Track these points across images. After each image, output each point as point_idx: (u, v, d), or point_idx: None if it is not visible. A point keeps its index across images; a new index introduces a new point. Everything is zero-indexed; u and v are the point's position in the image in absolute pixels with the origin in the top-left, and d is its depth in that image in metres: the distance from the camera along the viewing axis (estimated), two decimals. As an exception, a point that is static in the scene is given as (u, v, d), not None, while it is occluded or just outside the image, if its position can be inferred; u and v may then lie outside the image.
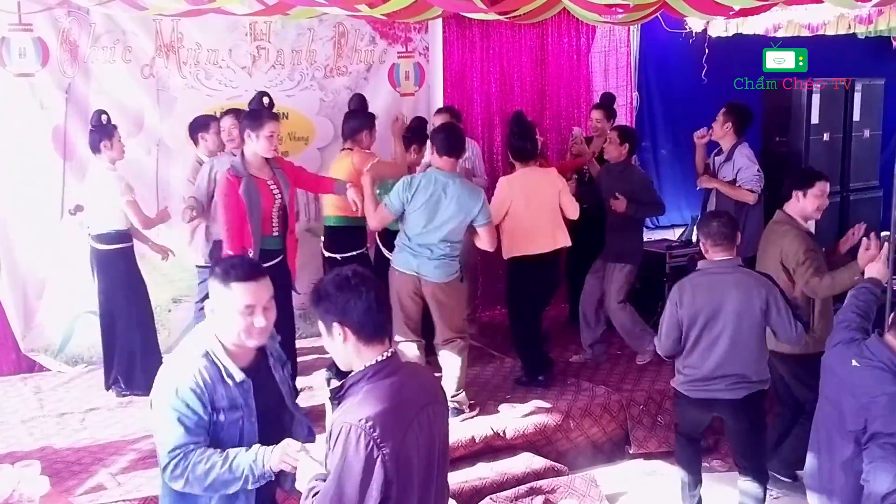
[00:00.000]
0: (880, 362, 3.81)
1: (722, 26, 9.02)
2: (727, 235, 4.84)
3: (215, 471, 3.06)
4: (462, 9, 6.02)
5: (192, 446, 3.08)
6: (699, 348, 4.83)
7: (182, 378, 3.10)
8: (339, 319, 2.85)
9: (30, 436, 5.79)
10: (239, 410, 3.16)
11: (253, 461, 3.08)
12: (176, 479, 3.09)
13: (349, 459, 2.71)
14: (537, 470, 5.71)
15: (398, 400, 2.82)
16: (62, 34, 6.74)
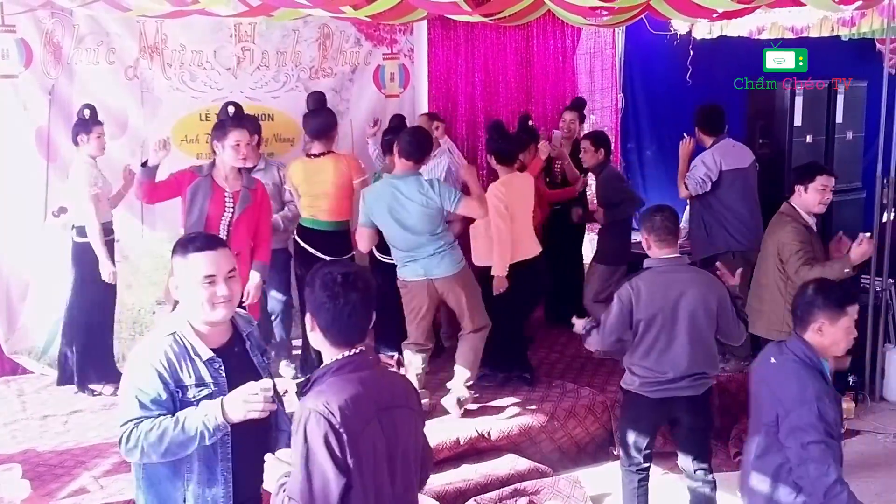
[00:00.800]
0: (795, 356, 3.80)
1: (706, 28, 9.08)
2: (671, 230, 4.74)
3: (168, 434, 3.05)
4: (447, 11, 6.03)
5: (144, 419, 3.08)
6: (657, 349, 4.73)
7: (146, 356, 3.14)
8: (311, 313, 2.94)
9: (12, 439, 5.77)
10: (207, 388, 3.16)
11: (205, 416, 3.07)
12: (131, 452, 3.10)
13: (312, 443, 2.75)
14: (521, 471, 5.72)
15: (359, 393, 2.84)
16: (45, 35, 6.72)
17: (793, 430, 3.61)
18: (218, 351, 3.23)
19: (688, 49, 9.66)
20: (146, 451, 3.07)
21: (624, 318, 4.73)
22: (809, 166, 5.77)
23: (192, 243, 3.22)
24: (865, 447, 6.60)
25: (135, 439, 3.07)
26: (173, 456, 3.11)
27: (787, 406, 3.65)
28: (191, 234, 3.44)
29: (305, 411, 2.78)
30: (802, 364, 3.74)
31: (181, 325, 3.21)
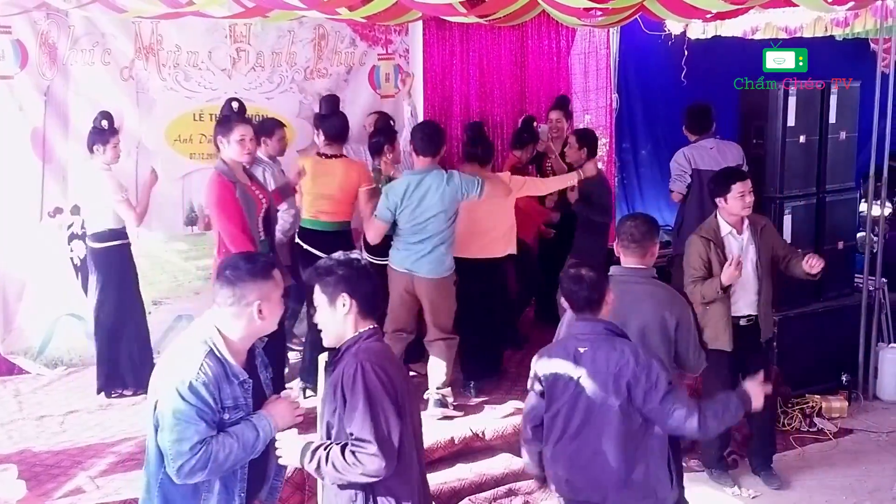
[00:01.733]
0: (602, 332, 3.82)
1: (701, 28, 9.11)
2: (635, 239, 4.49)
3: (234, 452, 3.12)
4: (442, 12, 6.05)
5: (210, 438, 3.09)
6: None
7: (190, 372, 3.08)
8: (348, 291, 3.20)
9: (9, 439, 5.77)
10: (241, 410, 3.20)
11: (262, 428, 3.19)
12: (195, 474, 3.08)
13: (372, 390, 3.06)
14: (516, 471, 5.72)
15: (391, 354, 3.36)
16: (41, 36, 6.73)
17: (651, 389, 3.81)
18: (245, 370, 3.26)
19: (682, 49, 9.67)
20: (211, 471, 3.10)
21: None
22: (724, 176, 5.66)
23: (266, 263, 3.28)
24: (859, 446, 6.64)
25: (204, 461, 3.07)
26: (227, 472, 3.18)
27: (631, 375, 3.81)
28: (249, 255, 3.42)
29: (357, 366, 3.09)
30: (614, 334, 3.95)
31: (217, 342, 3.17)
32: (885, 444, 6.67)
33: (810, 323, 7.29)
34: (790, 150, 7.13)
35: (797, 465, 6.33)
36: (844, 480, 6.12)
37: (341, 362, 3.17)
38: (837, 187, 7.48)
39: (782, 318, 7.06)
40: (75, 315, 7.05)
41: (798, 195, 7.24)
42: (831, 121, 7.32)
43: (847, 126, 7.43)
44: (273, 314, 3.23)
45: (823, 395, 7.12)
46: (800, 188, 7.26)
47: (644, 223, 4.57)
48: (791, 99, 7.05)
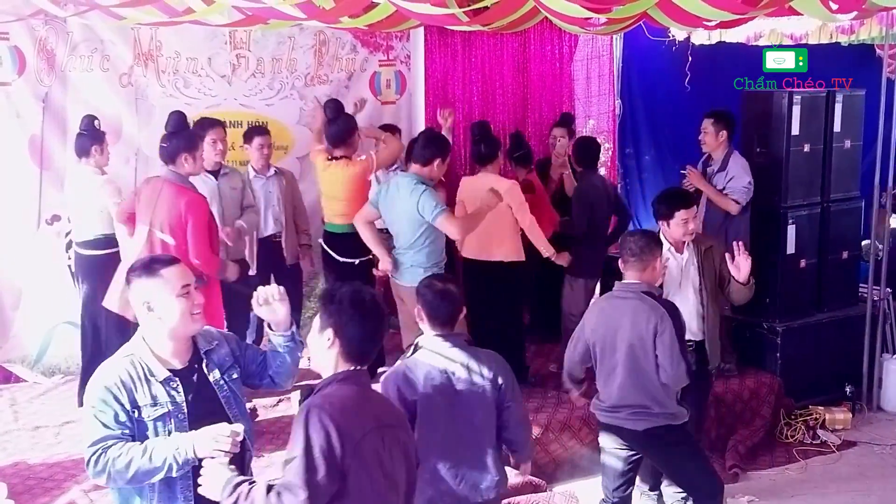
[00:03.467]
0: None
1: (705, 34, 9.07)
2: (634, 253, 4.57)
3: (135, 462, 3.08)
4: (444, 22, 6.03)
5: (111, 441, 3.11)
6: (602, 374, 4.67)
7: (102, 378, 3.19)
8: (334, 328, 3.01)
9: (3, 450, 5.75)
10: (163, 407, 3.20)
11: (175, 450, 3.10)
12: (99, 475, 3.13)
13: (312, 436, 2.82)
14: (515, 485, 5.63)
15: (361, 403, 2.99)
16: (39, 43, 6.70)
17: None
18: (176, 371, 3.27)
19: (686, 55, 9.63)
20: (113, 477, 3.11)
21: (579, 339, 4.74)
22: (667, 200, 5.36)
23: (156, 262, 3.31)
24: (862, 458, 6.59)
25: (102, 464, 3.09)
26: (139, 483, 3.14)
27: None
28: (143, 258, 3.49)
29: (308, 408, 2.88)
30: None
31: (139, 347, 3.27)
32: (889, 456, 6.60)
33: (814, 333, 7.23)
34: (794, 158, 7.06)
35: (800, 478, 6.28)
36: (848, 494, 6.06)
37: (309, 398, 3.02)
38: (842, 196, 7.42)
39: (785, 329, 7.02)
40: (73, 323, 6.96)
41: (802, 204, 7.16)
42: (836, 129, 7.26)
43: (852, 135, 7.37)
44: (169, 311, 3.21)
45: (827, 406, 7.06)
46: (804, 197, 7.18)
47: (642, 238, 4.63)
48: (795, 107, 6.98)
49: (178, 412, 3.22)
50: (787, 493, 6.03)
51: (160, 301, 3.21)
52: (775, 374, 6.96)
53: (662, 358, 4.48)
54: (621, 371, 4.58)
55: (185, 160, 5.54)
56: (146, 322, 3.27)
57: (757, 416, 6.75)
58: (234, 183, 6.48)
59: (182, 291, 3.23)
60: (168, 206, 5.49)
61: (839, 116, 7.25)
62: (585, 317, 4.80)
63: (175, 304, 3.22)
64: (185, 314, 3.23)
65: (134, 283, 3.26)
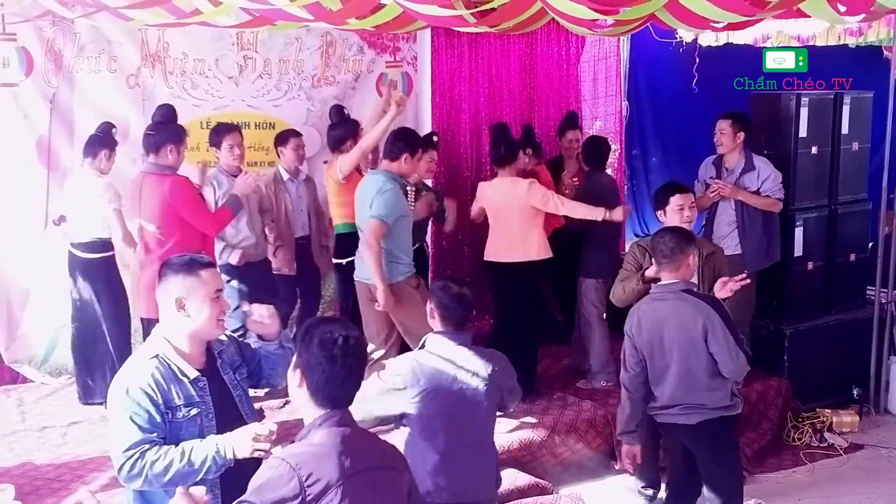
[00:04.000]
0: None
1: (712, 36, 9.03)
2: (665, 255, 4.58)
3: (174, 466, 3.09)
4: (452, 24, 6.01)
5: (147, 445, 3.11)
6: (654, 376, 4.66)
7: (133, 379, 3.17)
8: (301, 370, 2.80)
9: (10, 451, 5.76)
10: (195, 407, 3.22)
11: (215, 452, 3.12)
12: (133, 479, 3.10)
13: (275, 486, 2.62)
14: (522, 487, 5.66)
15: (339, 449, 2.71)
16: (46, 44, 6.72)
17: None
18: (201, 371, 3.29)
19: (693, 56, 9.61)
20: (149, 480, 3.10)
21: (631, 348, 4.70)
22: (663, 189, 5.49)
23: (195, 262, 3.30)
24: (870, 462, 6.57)
25: (139, 468, 3.08)
26: (174, 486, 3.02)
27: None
28: (182, 255, 3.39)
29: (276, 459, 2.69)
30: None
31: (163, 347, 3.25)
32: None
33: (821, 336, 7.21)
34: (802, 161, 7.04)
35: (807, 481, 6.26)
36: (855, 497, 6.04)
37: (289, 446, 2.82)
38: (849, 199, 7.40)
39: (792, 331, 7.01)
40: (78, 324, 7.03)
41: (810, 207, 7.16)
42: (844, 131, 7.24)
43: (860, 137, 7.36)
44: (199, 312, 3.22)
45: (834, 409, 7.04)
46: (811, 200, 7.17)
47: (672, 238, 4.62)
48: (803, 109, 6.96)
49: (208, 412, 3.25)
50: (793, 495, 6.02)
51: (194, 301, 3.22)
52: (782, 377, 6.94)
53: (720, 355, 4.48)
54: (674, 372, 4.58)
55: (171, 151, 5.63)
56: (173, 320, 3.25)
57: (764, 418, 6.73)
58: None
59: (215, 295, 3.25)
60: (151, 196, 5.57)
61: (847, 118, 7.24)
62: (628, 326, 4.72)
63: (207, 306, 3.23)
64: (212, 318, 3.25)
65: (169, 279, 3.25)
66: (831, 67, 8.43)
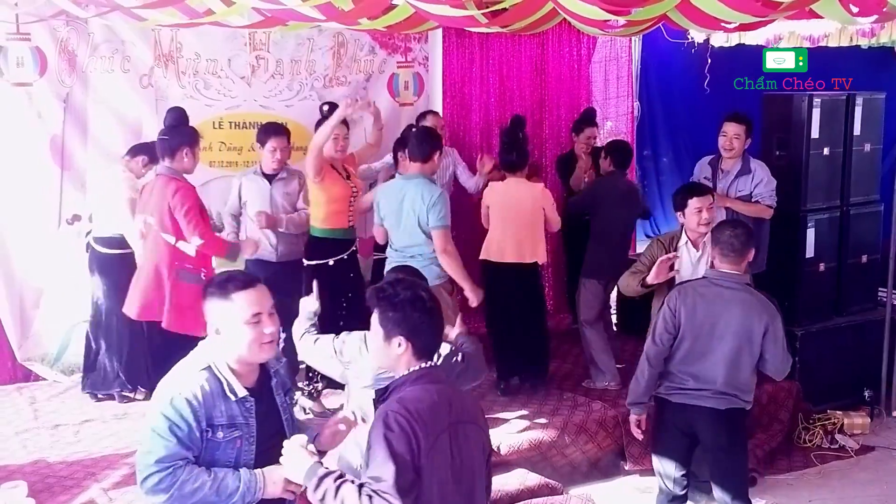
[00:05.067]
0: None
1: (724, 36, 9.02)
2: (736, 248, 4.66)
3: (203, 491, 2.98)
4: (463, 24, 6.01)
5: (181, 462, 2.98)
6: (689, 359, 4.70)
7: (180, 388, 3.03)
8: (405, 335, 3.04)
9: (23, 448, 5.78)
10: (237, 430, 3.08)
11: (246, 489, 3.02)
12: (157, 493, 2.98)
13: (393, 435, 2.89)
14: (531, 487, 5.68)
15: (436, 402, 3.01)
16: (60, 44, 6.74)
17: None
18: (250, 390, 3.15)
19: (705, 57, 9.61)
20: (174, 498, 2.98)
21: (668, 323, 4.72)
22: (682, 191, 5.56)
23: (230, 282, 3.11)
24: (880, 463, 6.56)
25: (168, 484, 2.97)
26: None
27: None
28: (221, 275, 3.25)
29: (386, 412, 2.94)
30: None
31: (216, 357, 3.11)
32: (908, 461, 6.58)
33: (832, 338, 7.21)
34: (814, 162, 7.04)
35: (817, 482, 6.26)
36: (866, 499, 6.04)
37: (385, 403, 3.03)
38: (861, 200, 7.39)
39: (804, 333, 7.00)
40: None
41: (821, 208, 7.15)
42: (856, 133, 7.23)
43: (872, 138, 7.34)
44: (237, 338, 3.07)
45: (845, 411, 7.03)
46: (823, 201, 7.16)
47: (743, 234, 4.72)
48: (815, 111, 6.95)
49: (249, 434, 3.11)
50: (804, 497, 6.02)
51: (228, 327, 3.07)
52: (794, 379, 6.89)
53: (772, 354, 4.65)
54: (720, 357, 4.66)
55: (186, 154, 5.66)
56: (216, 343, 3.12)
57: (775, 420, 6.72)
58: (290, 188, 6.45)
59: (252, 319, 3.05)
60: (157, 197, 5.60)
61: (859, 120, 7.23)
62: (675, 302, 4.72)
63: (243, 332, 3.05)
64: (252, 344, 3.07)
65: (207, 301, 3.11)
66: (831, 68, 8.41)
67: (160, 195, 5.63)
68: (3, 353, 6.93)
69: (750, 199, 6.53)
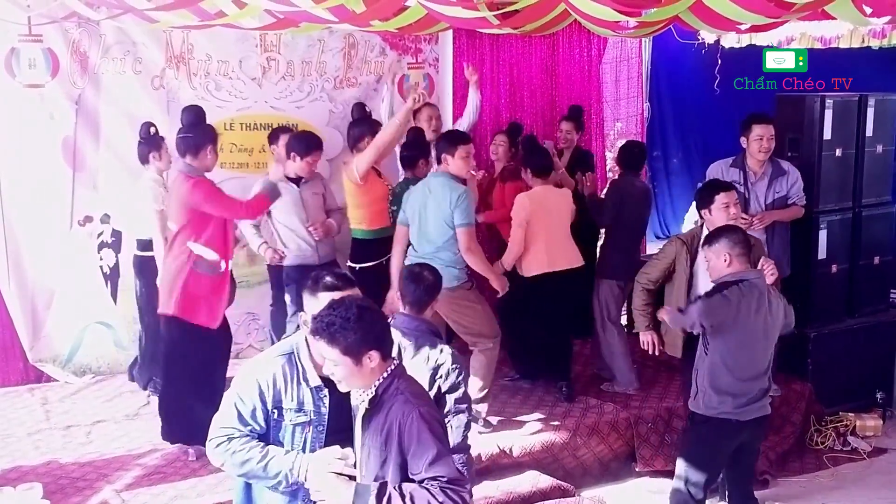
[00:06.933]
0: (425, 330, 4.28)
1: (735, 37, 9.00)
2: (748, 248, 4.76)
3: (251, 464, 3.18)
4: (475, 25, 6.00)
5: (238, 433, 3.21)
6: (745, 364, 4.68)
7: (258, 370, 3.28)
8: (373, 346, 3.05)
9: (35, 449, 5.79)
10: (306, 415, 3.25)
11: (290, 469, 3.15)
12: (215, 455, 3.26)
13: (437, 429, 3.05)
14: (544, 489, 5.66)
15: (423, 389, 3.33)
16: (72, 45, 6.76)
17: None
18: (326, 380, 3.24)
19: (716, 58, 9.57)
20: (227, 464, 3.22)
21: (728, 312, 4.61)
22: (706, 188, 5.54)
23: (321, 280, 3.37)
24: (893, 466, 6.53)
25: (223, 449, 3.22)
26: (247, 479, 3.27)
27: None
28: (322, 271, 3.49)
29: (415, 414, 3.03)
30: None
31: (301, 346, 3.30)
32: (921, 464, 6.55)
33: (844, 339, 7.17)
34: (826, 163, 7.00)
35: (830, 485, 6.23)
36: (878, 501, 6.01)
37: (382, 407, 3.08)
38: (874, 201, 7.36)
39: (816, 334, 6.97)
40: (104, 323, 7.09)
41: (834, 209, 7.11)
42: (868, 134, 7.20)
43: (884, 139, 7.32)
44: None
45: (858, 413, 6.99)
46: (835, 202, 7.12)
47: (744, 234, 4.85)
48: (827, 112, 6.92)
49: (319, 423, 3.27)
50: (816, 499, 5.99)
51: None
52: (806, 381, 6.91)
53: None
54: (763, 357, 4.72)
55: (210, 152, 5.64)
56: (305, 332, 3.30)
57: (787, 422, 6.69)
58: (317, 189, 6.47)
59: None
60: (176, 194, 5.61)
61: (871, 121, 7.20)
62: (735, 298, 4.62)
63: None
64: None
65: (304, 293, 3.40)
66: (831, 68, 8.38)
67: (178, 192, 5.61)
68: (15, 354, 6.94)
69: (785, 202, 6.46)
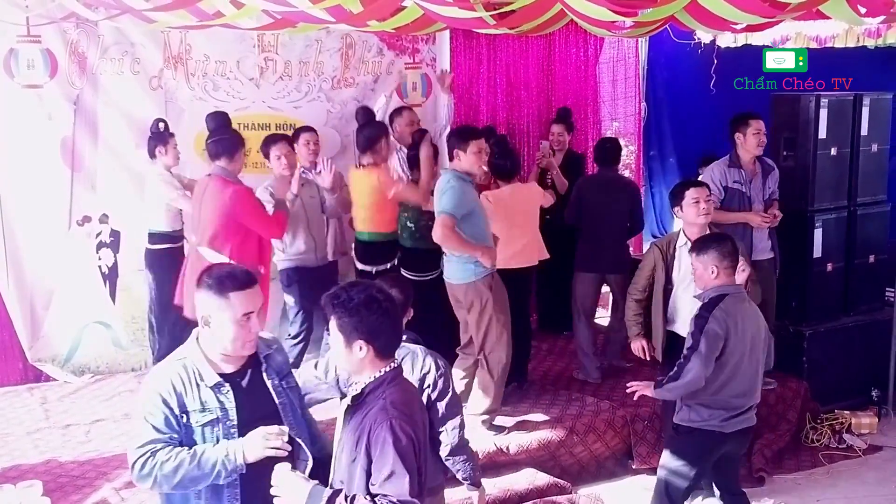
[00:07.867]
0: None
1: (731, 37, 9.02)
2: (736, 261, 4.65)
3: (183, 467, 3.06)
4: (472, 25, 6.03)
5: (160, 444, 3.08)
6: (737, 379, 4.61)
7: (154, 382, 3.18)
8: (365, 338, 3.03)
9: (35, 448, 5.81)
10: (211, 413, 3.16)
11: (225, 456, 3.09)
12: (144, 479, 3.09)
13: (402, 445, 2.95)
14: (540, 486, 5.69)
15: (410, 400, 3.16)
16: (70, 46, 6.78)
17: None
18: (228, 376, 3.21)
19: (712, 57, 9.60)
20: (159, 481, 3.08)
21: (717, 345, 4.53)
22: (677, 187, 5.59)
23: (229, 281, 3.15)
24: (888, 463, 6.55)
25: (150, 468, 3.06)
26: (184, 489, 3.12)
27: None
28: (220, 269, 3.26)
29: (387, 426, 2.96)
30: None
31: (192, 350, 3.22)
32: (916, 461, 6.58)
33: (840, 337, 7.21)
34: (821, 162, 7.03)
35: (825, 482, 6.26)
36: (874, 499, 6.04)
37: (364, 407, 3.06)
38: (869, 200, 7.39)
39: (811, 332, 7.01)
40: (103, 323, 7.12)
41: (829, 208, 7.14)
42: (863, 133, 7.23)
43: (879, 138, 7.35)
44: (223, 333, 3.13)
45: (853, 410, 7.03)
46: (830, 201, 7.16)
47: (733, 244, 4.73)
48: (822, 111, 6.95)
49: (227, 418, 3.17)
50: (812, 497, 6.02)
51: (218, 321, 3.14)
52: (801, 378, 6.94)
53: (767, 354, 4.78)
54: (753, 370, 4.66)
55: (242, 155, 5.80)
56: (202, 331, 3.22)
57: (783, 420, 6.73)
58: (313, 191, 6.55)
59: (242, 319, 3.14)
60: (213, 199, 5.65)
61: (866, 120, 7.23)
62: (723, 325, 4.54)
63: (231, 329, 3.13)
64: (236, 340, 3.15)
65: (201, 292, 3.17)
66: (831, 68, 8.41)
67: (215, 200, 5.64)
68: (14, 353, 6.96)
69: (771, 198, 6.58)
